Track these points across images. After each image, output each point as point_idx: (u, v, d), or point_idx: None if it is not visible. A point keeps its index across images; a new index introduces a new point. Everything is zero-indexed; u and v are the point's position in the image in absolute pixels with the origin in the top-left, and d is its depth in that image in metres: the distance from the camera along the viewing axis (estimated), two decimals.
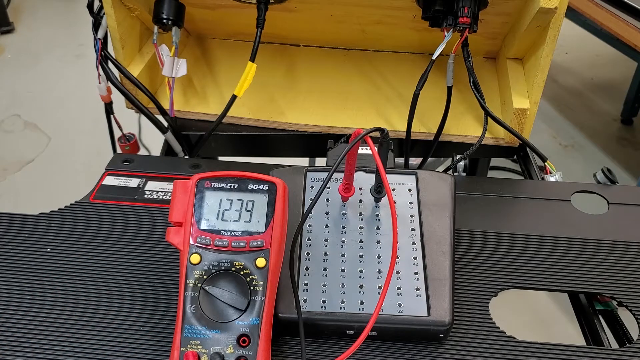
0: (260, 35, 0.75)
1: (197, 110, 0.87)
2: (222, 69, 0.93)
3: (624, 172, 2.08)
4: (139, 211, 0.67)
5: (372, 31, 0.89)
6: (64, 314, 0.56)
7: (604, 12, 1.50)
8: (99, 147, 1.33)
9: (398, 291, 0.54)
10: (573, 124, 2.31)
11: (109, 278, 0.59)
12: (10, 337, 0.54)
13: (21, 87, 2.48)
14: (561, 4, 0.67)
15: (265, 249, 0.51)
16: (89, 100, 2.18)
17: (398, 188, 0.62)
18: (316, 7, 0.82)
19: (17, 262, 0.61)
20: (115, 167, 0.74)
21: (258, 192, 0.53)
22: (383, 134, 0.51)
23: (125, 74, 0.79)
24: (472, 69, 0.75)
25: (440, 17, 0.72)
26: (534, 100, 0.77)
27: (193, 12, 0.85)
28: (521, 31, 0.74)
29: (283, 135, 0.86)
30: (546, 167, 0.78)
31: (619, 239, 0.65)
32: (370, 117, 0.86)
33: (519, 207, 0.70)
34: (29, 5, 3.11)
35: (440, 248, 0.57)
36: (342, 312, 0.53)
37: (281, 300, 0.53)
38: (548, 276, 0.61)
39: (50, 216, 0.66)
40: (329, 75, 0.93)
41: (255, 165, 0.74)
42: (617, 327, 0.61)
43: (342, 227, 0.59)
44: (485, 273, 0.61)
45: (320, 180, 0.63)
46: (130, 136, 0.90)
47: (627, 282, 0.60)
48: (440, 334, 0.53)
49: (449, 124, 0.80)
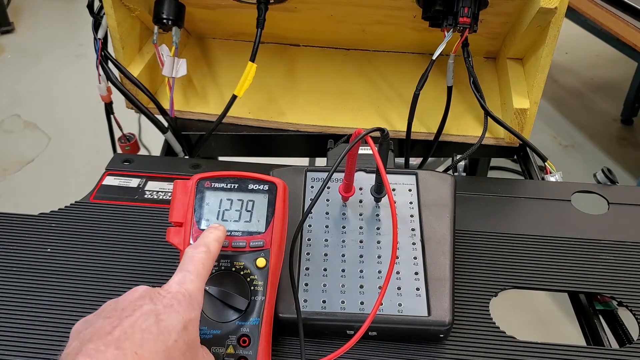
0: (260, 35, 0.75)
1: (197, 110, 0.87)
2: (222, 69, 0.93)
3: (624, 172, 2.08)
4: (139, 211, 0.67)
5: (372, 31, 0.89)
6: (64, 314, 0.56)
7: (604, 12, 1.50)
8: (99, 147, 1.33)
9: (398, 291, 0.54)
10: (573, 124, 2.31)
11: (109, 278, 0.59)
12: (10, 337, 0.54)
13: (21, 87, 2.48)
14: (561, 4, 0.67)
15: (266, 249, 0.51)
16: (89, 100, 2.18)
17: (398, 188, 0.62)
18: (316, 7, 0.82)
19: (17, 262, 0.61)
20: (115, 167, 0.74)
21: (258, 192, 0.53)
22: (383, 134, 0.51)
23: (125, 74, 0.79)
24: (472, 69, 0.75)
25: (441, 17, 0.72)
26: (534, 100, 0.77)
27: (193, 12, 0.85)
28: (521, 31, 0.74)
29: (283, 135, 0.86)
30: (546, 167, 0.78)
31: (619, 239, 0.65)
32: (370, 117, 0.86)
33: (519, 207, 0.70)
34: (29, 5, 3.11)
35: (441, 248, 0.57)
36: (342, 312, 0.53)
37: (281, 300, 0.53)
38: (548, 276, 0.61)
39: (50, 216, 0.66)
40: (329, 75, 0.93)
41: (255, 165, 0.74)
42: (617, 327, 0.61)
43: (342, 227, 0.59)
44: (485, 273, 0.61)
45: (320, 180, 0.63)
46: (130, 136, 0.90)
47: (627, 282, 0.60)
48: (441, 334, 0.53)
49: (449, 124, 0.80)
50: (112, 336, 0.37)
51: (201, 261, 0.46)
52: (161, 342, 0.39)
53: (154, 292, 0.42)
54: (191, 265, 0.45)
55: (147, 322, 0.39)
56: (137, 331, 0.38)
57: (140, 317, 0.39)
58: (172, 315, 0.40)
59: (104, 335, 0.38)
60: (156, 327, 0.39)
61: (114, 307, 0.41)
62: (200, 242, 0.48)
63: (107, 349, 0.37)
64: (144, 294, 0.42)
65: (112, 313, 0.40)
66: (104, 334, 0.38)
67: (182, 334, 0.41)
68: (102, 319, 0.40)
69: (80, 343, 0.38)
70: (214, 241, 0.48)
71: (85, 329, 0.39)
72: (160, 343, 0.39)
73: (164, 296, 0.42)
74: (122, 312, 0.40)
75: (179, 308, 0.41)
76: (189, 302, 0.42)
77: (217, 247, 0.48)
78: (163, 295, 0.42)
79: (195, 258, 0.46)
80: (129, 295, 0.42)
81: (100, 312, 0.42)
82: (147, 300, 0.41)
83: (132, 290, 0.43)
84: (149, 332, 0.39)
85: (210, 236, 0.48)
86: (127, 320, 0.39)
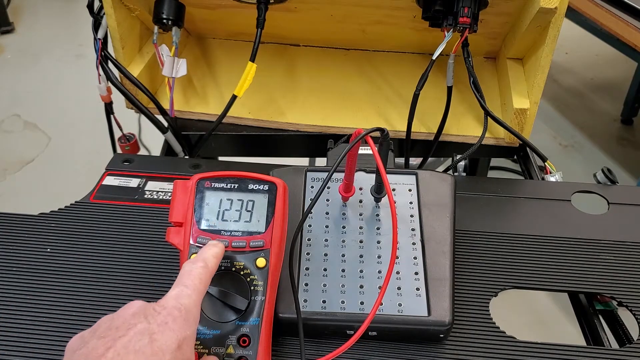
0: (260, 35, 0.75)
1: (197, 110, 0.87)
2: (222, 69, 0.93)
3: (624, 172, 2.08)
4: (139, 211, 0.67)
5: (372, 31, 0.89)
6: (64, 314, 0.56)
7: (604, 12, 1.50)
8: (99, 147, 1.33)
9: (398, 291, 0.54)
10: (573, 124, 2.31)
11: (109, 278, 0.59)
12: (10, 337, 0.54)
13: (21, 87, 2.48)
14: (561, 4, 0.67)
15: (266, 249, 0.51)
16: (89, 100, 2.17)
17: (398, 188, 0.62)
18: (316, 7, 0.82)
19: (17, 262, 0.61)
20: (115, 167, 0.74)
21: (258, 192, 0.53)
22: (383, 134, 0.51)
23: (125, 74, 0.79)
24: (472, 69, 0.75)
25: (441, 17, 0.72)
26: (534, 100, 0.77)
27: (193, 12, 0.85)
28: (521, 31, 0.74)
29: (283, 135, 0.86)
30: (546, 167, 0.78)
31: (619, 239, 0.65)
32: (370, 117, 0.86)
33: (519, 207, 0.70)
34: (29, 5, 3.11)
35: (441, 248, 0.57)
36: (342, 312, 0.53)
37: (281, 300, 0.53)
38: (548, 276, 0.61)
39: (50, 216, 0.66)
40: (329, 75, 0.93)
41: (255, 165, 0.74)
42: (617, 327, 0.61)
43: (342, 227, 0.59)
44: (485, 273, 0.61)
45: (320, 180, 0.63)
46: (130, 136, 0.90)
47: (627, 282, 0.60)
48: (441, 334, 0.53)
49: (449, 124, 0.80)
50: (105, 358, 0.37)
51: (199, 276, 0.45)
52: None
53: (149, 309, 0.41)
54: (189, 280, 0.44)
55: (140, 342, 0.38)
56: (130, 352, 0.38)
57: (134, 337, 0.39)
58: (166, 334, 0.40)
59: (97, 358, 0.37)
60: (150, 347, 0.38)
61: (108, 326, 0.40)
62: (198, 257, 0.47)
63: None
64: (139, 310, 0.41)
65: (107, 332, 0.39)
66: (96, 357, 0.37)
67: (176, 353, 0.40)
68: (97, 338, 0.39)
69: None
70: (212, 257, 0.47)
71: (80, 349, 0.39)
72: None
73: (159, 312, 0.41)
74: (116, 331, 0.39)
75: (174, 326, 0.40)
76: (184, 318, 0.41)
77: (215, 264, 0.47)
78: (158, 311, 0.41)
79: (193, 273, 0.45)
80: (124, 312, 0.41)
81: (95, 329, 0.41)
82: (141, 318, 0.40)
83: (128, 305, 0.42)
84: (142, 353, 0.38)
85: (209, 252, 0.48)
86: (120, 341, 0.38)
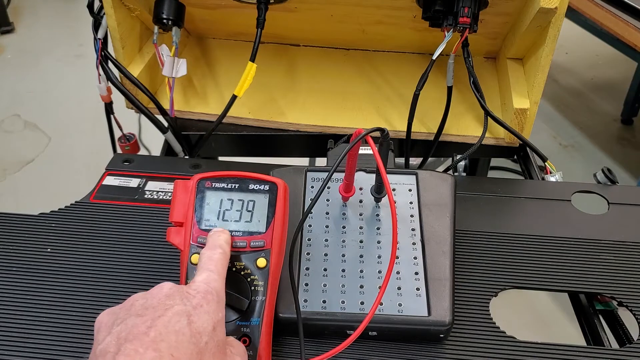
0: (260, 35, 0.75)
1: (197, 110, 0.87)
2: (222, 69, 0.93)
3: (624, 172, 2.08)
4: (139, 211, 0.67)
5: (372, 31, 0.89)
6: (64, 314, 0.56)
7: (604, 12, 1.50)
8: (99, 147, 1.33)
9: (398, 291, 0.54)
10: (573, 124, 2.31)
11: (109, 278, 0.59)
12: (10, 337, 0.54)
13: (21, 87, 2.48)
14: (561, 4, 0.67)
15: (266, 249, 0.51)
16: (89, 100, 2.18)
17: (398, 188, 0.62)
18: (316, 7, 0.82)
19: (17, 262, 0.61)
20: (115, 167, 0.74)
21: (259, 192, 0.53)
22: (383, 134, 0.51)
23: (125, 74, 0.79)
24: (472, 69, 0.75)
25: (441, 17, 0.72)
26: (534, 100, 0.77)
27: (193, 12, 0.85)
28: (521, 31, 0.74)
29: (283, 135, 0.86)
30: (546, 167, 0.78)
31: (619, 239, 0.65)
32: (370, 117, 0.86)
33: (519, 207, 0.70)
34: (29, 5, 3.11)
35: (441, 248, 0.57)
36: (342, 312, 0.53)
37: (281, 300, 0.53)
38: (548, 276, 0.61)
39: (50, 216, 0.66)
40: (329, 75, 0.93)
41: (256, 165, 0.74)
42: (617, 327, 0.61)
43: (342, 227, 0.59)
44: (485, 273, 0.61)
45: (320, 180, 0.63)
46: (130, 136, 0.90)
47: (627, 282, 0.60)
48: (441, 334, 0.53)
49: (449, 124, 0.80)
50: (148, 337, 0.37)
51: (220, 262, 0.46)
52: (194, 344, 0.39)
53: (183, 292, 0.42)
54: (212, 265, 0.45)
55: (179, 323, 0.39)
56: (171, 332, 0.38)
57: (172, 318, 0.39)
58: (202, 317, 0.40)
59: (140, 336, 0.37)
60: (188, 328, 0.39)
61: (143, 305, 0.40)
62: (214, 244, 0.48)
63: (146, 351, 0.36)
64: (173, 292, 0.41)
65: (144, 311, 0.39)
66: (139, 334, 0.37)
67: (212, 335, 0.41)
68: (135, 316, 0.39)
69: (117, 341, 0.37)
70: (225, 243, 0.49)
71: (118, 325, 0.39)
72: (193, 345, 0.39)
73: (194, 296, 0.42)
74: (154, 311, 0.39)
75: (209, 309, 0.41)
76: (217, 302, 0.42)
77: (229, 250, 0.49)
78: (192, 295, 0.42)
79: (214, 258, 0.46)
80: (158, 292, 0.42)
81: (129, 307, 0.41)
82: (177, 300, 0.41)
83: (159, 286, 0.42)
84: (182, 334, 0.38)
85: (221, 239, 0.49)
86: (160, 321, 0.38)
